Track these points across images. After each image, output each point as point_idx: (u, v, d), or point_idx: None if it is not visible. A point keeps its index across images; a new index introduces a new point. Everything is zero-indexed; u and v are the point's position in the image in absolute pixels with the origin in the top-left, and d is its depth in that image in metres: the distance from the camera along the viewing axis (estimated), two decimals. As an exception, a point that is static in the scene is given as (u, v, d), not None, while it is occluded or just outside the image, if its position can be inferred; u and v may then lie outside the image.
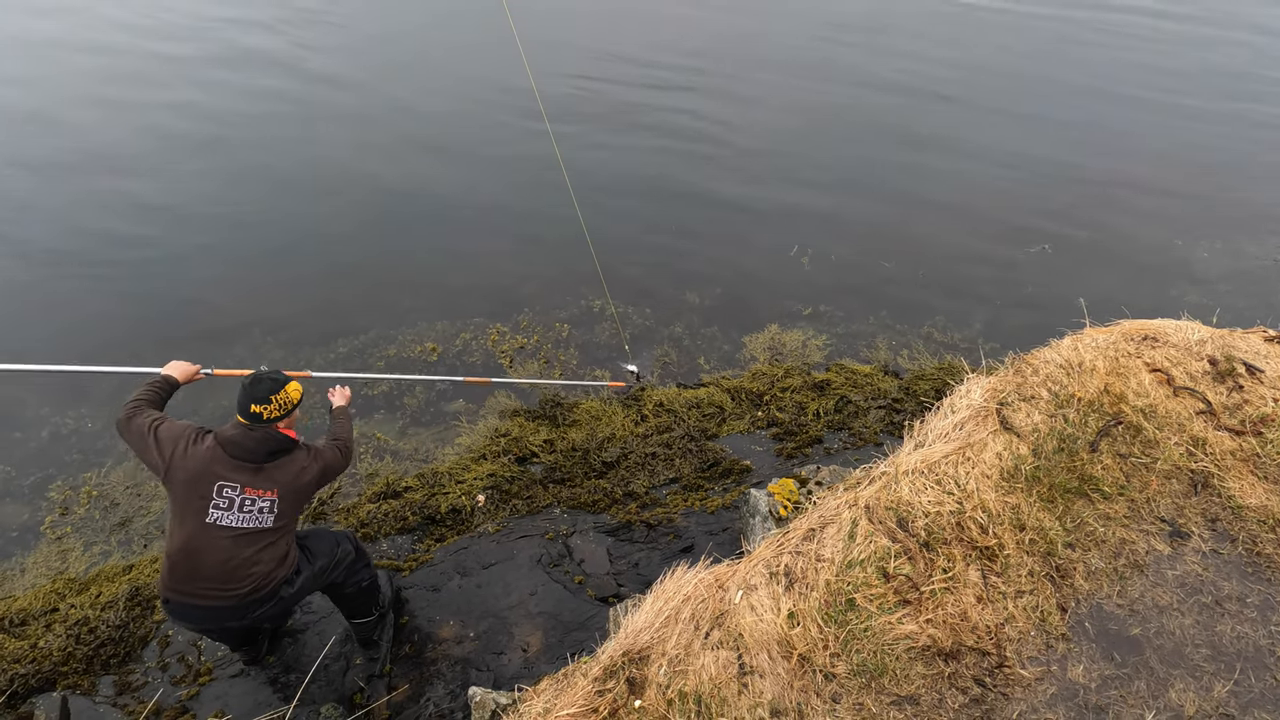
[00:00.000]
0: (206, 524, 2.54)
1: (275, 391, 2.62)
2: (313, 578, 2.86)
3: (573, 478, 4.61)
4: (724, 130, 8.36)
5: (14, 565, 3.95)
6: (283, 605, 2.76)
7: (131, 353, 5.21)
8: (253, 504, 2.59)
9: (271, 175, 7.30)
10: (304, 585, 2.81)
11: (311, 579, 2.85)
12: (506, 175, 7.43)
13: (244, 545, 2.57)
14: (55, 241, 6.31)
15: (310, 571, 2.84)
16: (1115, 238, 6.92)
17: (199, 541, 2.54)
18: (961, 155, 8.04)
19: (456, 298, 5.92)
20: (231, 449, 2.58)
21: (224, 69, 9.16)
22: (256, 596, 2.62)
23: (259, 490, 2.59)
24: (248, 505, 2.58)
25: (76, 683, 3.28)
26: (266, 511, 2.61)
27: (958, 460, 2.35)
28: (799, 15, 11.26)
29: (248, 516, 2.58)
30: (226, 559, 2.54)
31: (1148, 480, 2.40)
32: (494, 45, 9.73)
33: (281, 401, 2.63)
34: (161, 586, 2.61)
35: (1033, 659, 2.08)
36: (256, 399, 2.58)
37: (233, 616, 2.65)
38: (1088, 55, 10.33)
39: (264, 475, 2.61)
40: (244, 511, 2.58)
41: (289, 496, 2.65)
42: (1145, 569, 2.26)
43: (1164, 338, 2.71)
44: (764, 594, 2.07)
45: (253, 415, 2.58)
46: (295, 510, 2.71)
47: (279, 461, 2.65)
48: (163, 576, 2.59)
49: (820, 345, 5.78)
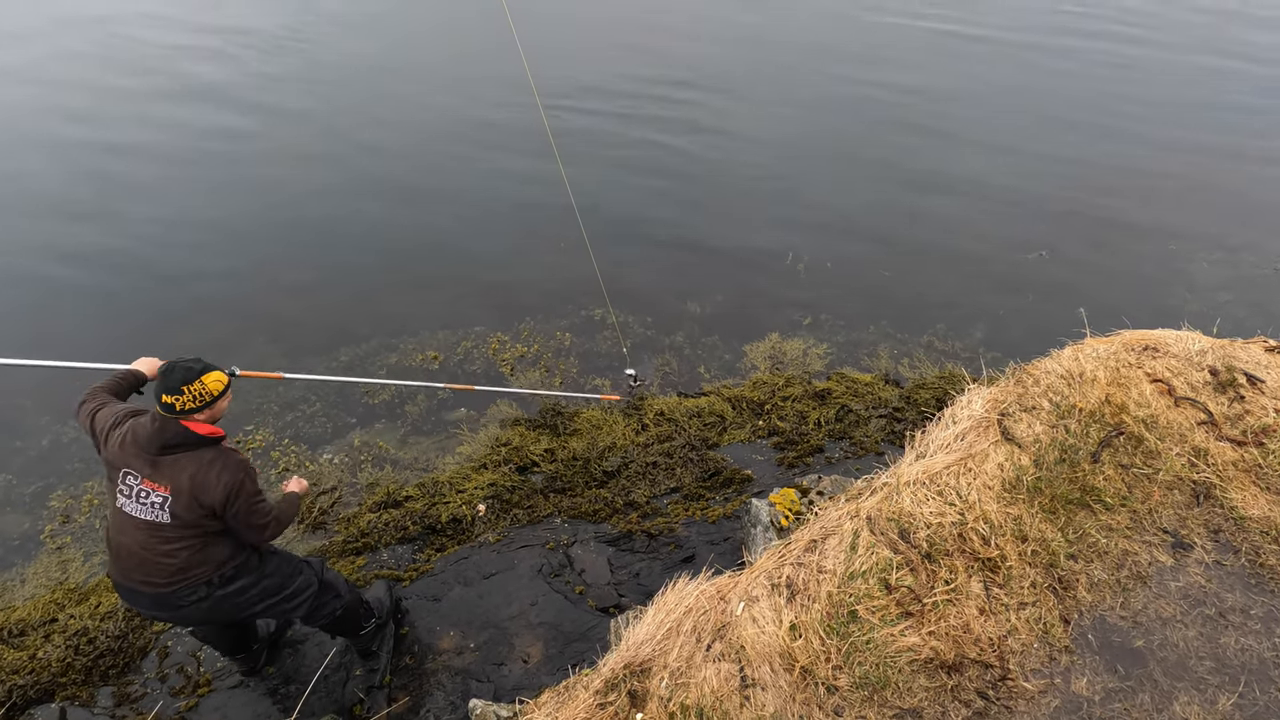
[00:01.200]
0: (117, 508, 2.48)
1: (188, 381, 2.40)
2: (258, 591, 2.70)
3: (573, 487, 4.61)
4: (725, 141, 8.41)
5: (14, 575, 3.94)
6: (213, 604, 2.59)
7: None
8: (147, 496, 2.44)
9: (275, 182, 7.33)
10: (241, 591, 2.64)
11: (257, 593, 2.70)
12: (507, 186, 7.46)
13: (151, 537, 2.46)
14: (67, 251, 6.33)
15: (253, 582, 2.68)
16: (1115, 247, 6.93)
17: (116, 525, 2.49)
18: (962, 164, 8.08)
19: (458, 306, 5.94)
20: (133, 434, 2.46)
21: (270, 58, 9.22)
22: (173, 589, 2.50)
23: (154, 484, 2.44)
24: (143, 497, 2.44)
25: (75, 694, 3.27)
26: (159, 507, 2.44)
27: (959, 471, 2.35)
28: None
29: (144, 509, 2.45)
30: (140, 547, 2.46)
31: (1150, 491, 2.39)
32: (491, 55, 9.80)
33: (197, 392, 2.41)
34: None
35: (1036, 671, 2.07)
36: (168, 389, 2.38)
37: (157, 604, 2.55)
38: (1087, 70, 10.39)
39: (160, 470, 2.43)
40: (140, 503, 2.45)
41: (184, 497, 2.43)
42: (1148, 580, 2.25)
43: (1164, 348, 2.71)
44: (766, 606, 2.07)
45: (164, 405, 2.39)
46: (196, 514, 2.46)
47: (175, 457, 2.44)
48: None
49: (821, 354, 5.79)
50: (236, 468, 2.51)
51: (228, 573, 2.61)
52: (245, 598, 2.68)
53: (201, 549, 2.52)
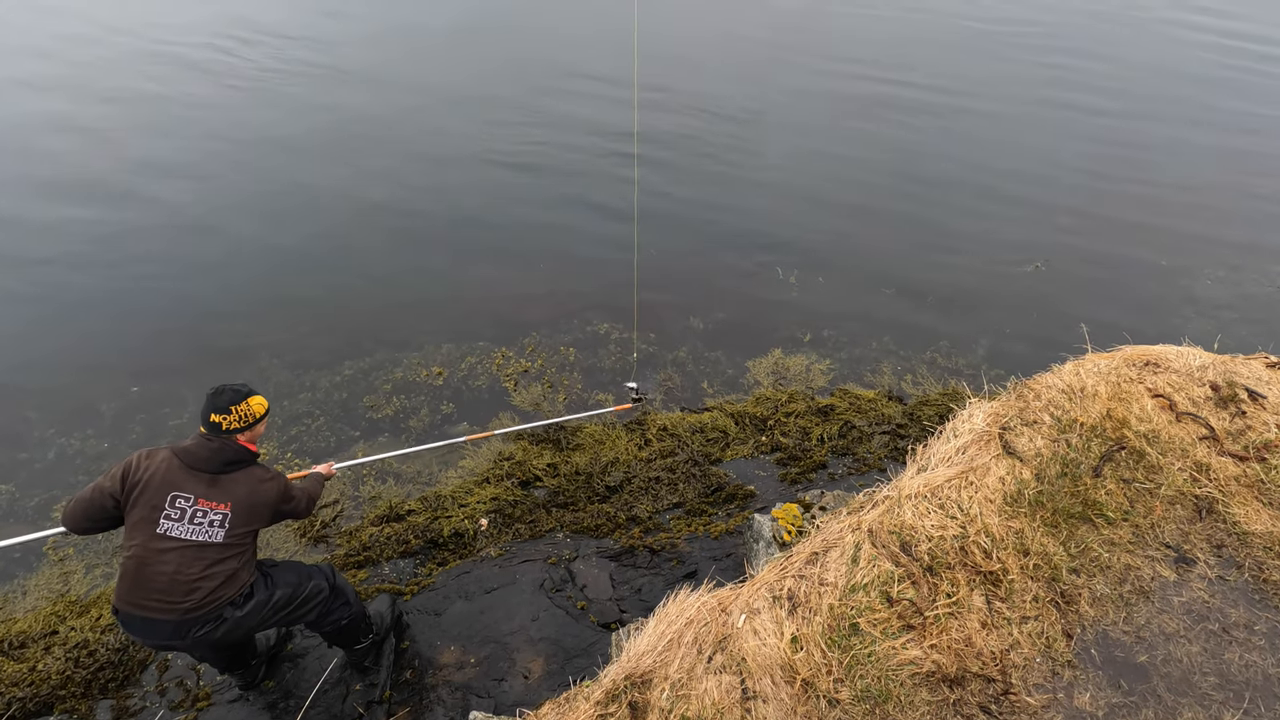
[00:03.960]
0: (157, 534, 2.49)
1: (236, 402, 2.60)
2: (270, 608, 2.74)
3: (576, 502, 4.60)
4: (735, 156, 8.50)
5: (16, 587, 3.94)
6: (229, 628, 2.64)
7: (134, 373, 5.28)
8: (204, 516, 2.54)
9: (275, 200, 7.43)
10: (255, 611, 2.69)
11: (268, 609, 2.74)
12: (517, 203, 7.55)
13: (192, 559, 2.51)
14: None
15: (266, 598, 2.73)
16: (1120, 263, 6.97)
17: (148, 552, 2.49)
18: (966, 179, 8.15)
19: (463, 322, 5.99)
20: (187, 458, 2.56)
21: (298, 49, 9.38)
22: (198, 614, 2.54)
23: (212, 503, 2.55)
24: (199, 518, 2.53)
25: (74, 707, 3.25)
26: (217, 525, 2.55)
27: (960, 484, 2.35)
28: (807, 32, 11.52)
29: (197, 529, 2.52)
30: (174, 571, 2.49)
31: (1152, 506, 2.39)
32: (498, 68, 9.96)
33: (242, 413, 2.61)
34: (114, 596, 2.56)
35: (1039, 686, 2.06)
36: (217, 409, 2.58)
37: (174, 633, 2.56)
38: (1095, 79, 10.49)
39: (219, 488, 2.57)
40: (194, 524, 2.52)
41: (242, 513, 2.60)
42: (1151, 595, 2.24)
43: (1166, 363, 2.72)
44: (767, 618, 2.06)
45: (212, 425, 2.58)
46: (249, 528, 2.64)
47: (234, 474, 2.61)
48: (116, 586, 2.56)
49: (824, 370, 5.80)
50: (275, 476, 2.75)
51: (245, 592, 2.68)
52: (259, 616, 2.73)
53: (235, 570, 2.62)
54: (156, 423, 4.98)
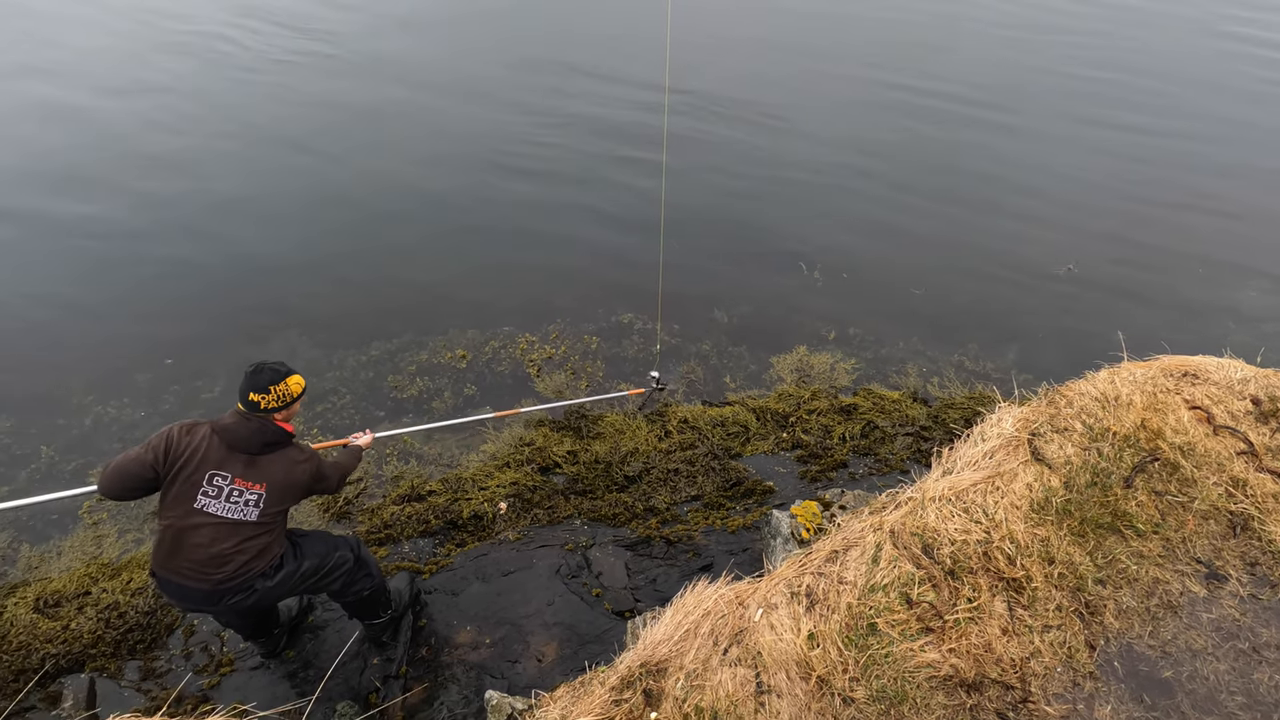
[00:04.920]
0: (194, 509, 2.55)
1: (275, 382, 2.62)
2: (298, 577, 2.82)
3: (594, 490, 4.63)
4: (765, 154, 8.41)
5: (51, 548, 4.08)
6: (259, 597, 2.72)
7: (169, 346, 5.41)
8: (240, 496, 2.59)
9: (311, 180, 7.52)
10: (284, 581, 2.77)
11: (296, 578, 2.81)
12: (548, 192, 7.56)
13: (226, 534, 2.58)
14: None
15: (294, 569, 2.80)
16: (1161, 272, 6.78)
17: (185, 524, 2.55)
18: (1001, 184, 7.98)
19: (488, 307, 6.02)
20: (227, 436, 2.59)
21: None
22: (230, 585, 2.62)
23: (249, 483, 2.60)
24: (235, 496, 2.58)
25: (104, 665, 3.37)
26: (252, 505, 2.60)
27: (986, 489, 2.32)
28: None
29: (233, 508, 2.58)
30: (209, 544, 2.56)
31: (1184, 519, 2.33)
32: (509, 67, 9.95)
33: (281, 393, 2.63)
34: (152, 559, 2.66)
35: (1058, 696, 2.03)
36: (256, 387, 2.59)
37: (206, 600, 2.65)
38: (1140, 80, 10.19)
39: (256, 468, 2.62)
40: (230, 502, 2.58)
41: (276, 493, 2.64)
42: (1179, 610, 2.19)
43: (1204, 375, 2.65)
44: (784, 613, 2.06)
45: (250, 404, 2.60)
46: (281, 507, 2.70)
47: (272, 455, 2.65)
48: (153, 551, 2.65)
49: (849, 369, 5.75)
50: (309, 457, 2.76)
51: (275, 564, 2.74)
52: (287, 586, 2.81)
53: (267, 544, 2.69)
54: (189, 394, 5.10)
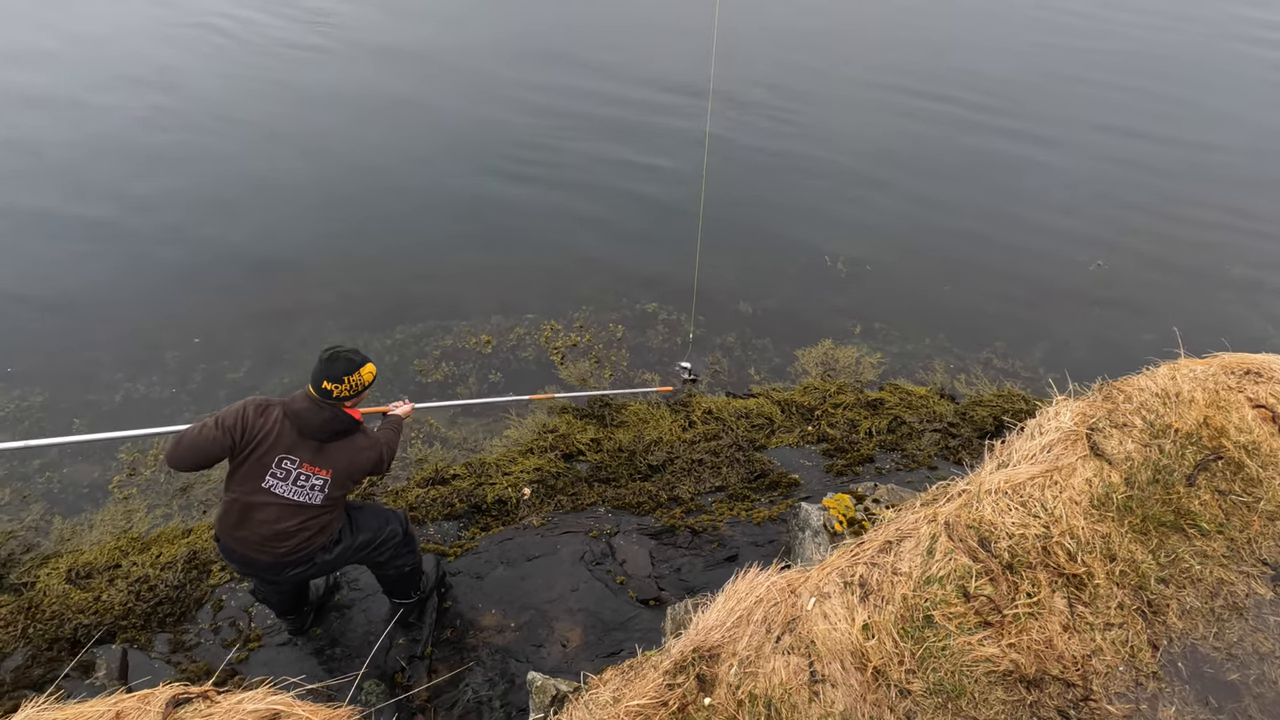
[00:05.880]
0: (261, 488, 2.61)
1: (350, 372, 2.62)
2: (353, 550, 2.92)
3: (618, 478, 4.59)
4: (795, 150, 8.31)
5: (83, 521, 4.08)
6: (316, 569, 2.84)
7: (198, 325, 5.40)
8: (306, 480, 2.64)
9: (339, 165, 7.49)
10: (341, 554, 2.87)
11: (351, 550, 2.91)
12: (573, 179, 7.49)
13: (291, 514, 2.65)
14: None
15: (351, 543, 2.90)
16: (1191, 272, 6.66)
17: (251, 501, 2.62)
18: (1033, 184, 7.86)
19: (512, 292, 5.99)
20: (298, 422, 2.61)
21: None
22: (292, 559, 2.72)
23: (316, 468, 2.65)
24: (302, 480, 2.64)
25: (135, 637, 3.36)
26: (318, 490, 2.66)
27: (1044, 483, 2.26)
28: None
29: (300, 491, 2.64)
30: (274, 521, 2.63)
31: (1249, 520, 2.26)
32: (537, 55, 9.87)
33: (354, 383, 2.64)
34: (217, 526, 2.74)
35: (1120, 695, 1.97)
36: (330, 376, 2.59)
37: (269, 572, 2.76)
38: (1189, 68, 10.00)
39: (324, 455, 2.66)
40: (297, 485, 2.63)
41: (340, 479, 2.70)
42: (1245, 612, 2.13)
43: (1268, 373, 2.57)
44: (837, 603, 2.01)
45: (323, 391, 2.61)
46: (344, 491, 2.77)
47: (340, 443, 2.69)
48: (219, 520, 2.73)
49: (874, 364, 5.68)
50: (374, 446, 2.79)
51: (334, 538, 2.83)
52: (344, 558, 2.93)
53: (328, 523, 2.78)
54: (216, 374, 5.10)
